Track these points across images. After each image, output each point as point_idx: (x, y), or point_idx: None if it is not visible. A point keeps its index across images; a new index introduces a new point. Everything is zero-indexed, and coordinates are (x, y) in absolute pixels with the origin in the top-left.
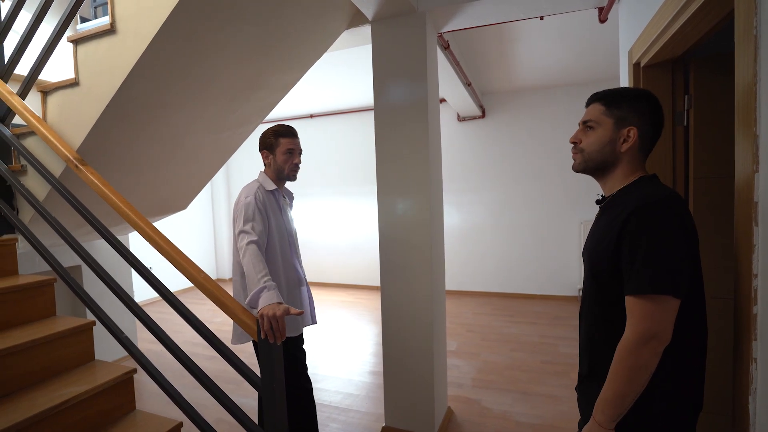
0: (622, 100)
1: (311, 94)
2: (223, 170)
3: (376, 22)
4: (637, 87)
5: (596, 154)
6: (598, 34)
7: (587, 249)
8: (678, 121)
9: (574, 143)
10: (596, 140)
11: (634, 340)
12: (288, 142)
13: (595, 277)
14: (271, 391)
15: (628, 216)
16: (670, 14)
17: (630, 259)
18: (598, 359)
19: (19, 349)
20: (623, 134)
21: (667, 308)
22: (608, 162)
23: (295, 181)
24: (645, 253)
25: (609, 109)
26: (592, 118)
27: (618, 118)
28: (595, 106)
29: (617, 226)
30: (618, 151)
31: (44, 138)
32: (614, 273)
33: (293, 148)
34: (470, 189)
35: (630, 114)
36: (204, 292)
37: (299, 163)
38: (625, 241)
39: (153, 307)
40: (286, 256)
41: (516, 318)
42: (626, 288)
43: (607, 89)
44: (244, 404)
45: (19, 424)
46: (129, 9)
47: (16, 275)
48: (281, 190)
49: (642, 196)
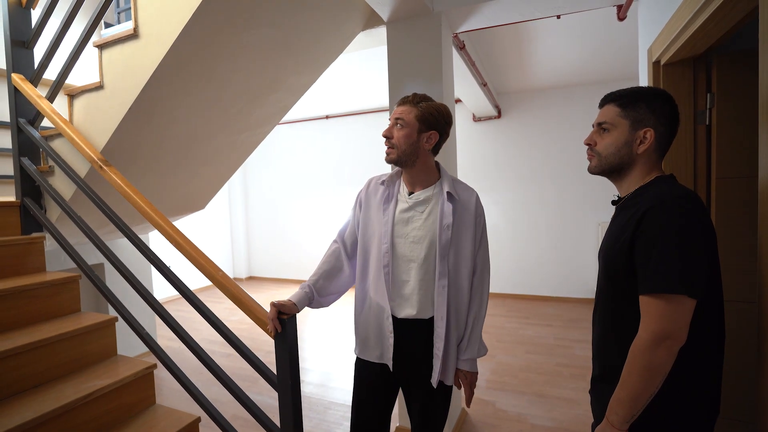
0: (638, 101)
1: (327, 96)
2: (241, 170)
3: (391, 24)
4: (650, 86)
5: (613, 156)
6: (615, 32)
7: (603, 249)
8: (700, 119)
9: (589, 145)
10: (612, 142)
11: (648, 340)
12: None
13: (609, 276)
14: (286, 388)
15: (642, 214)
16: (691, 12)
17: (644, 257)
18: (610, 360)
19: (47, 342)
20: (640, 136)
21: (683, 308)
22: (625, 164)
23: (388, 161)
24: (660, 251)
25: (625, 111)
26: (608, 120)
27: (634, 120)
28: (609, 107)
29: (632, 225)
30: (635, 152)
31: (70, 140)
32: (629, 272)
33: (390, 119)
34: (486, 189)
35: (646, 115)
36: (222, 290)
37: (389, 136)
38: (640, 240)
39: (172, 305)
40: (376, 268)
41: (531, 320)
42: (640, 287)
43: (621, 89)
44: (260, 401)
45: (47, 414)
46: (151, 14)
47: (43, 272)
48: (408, 179)
49: (657, 195)
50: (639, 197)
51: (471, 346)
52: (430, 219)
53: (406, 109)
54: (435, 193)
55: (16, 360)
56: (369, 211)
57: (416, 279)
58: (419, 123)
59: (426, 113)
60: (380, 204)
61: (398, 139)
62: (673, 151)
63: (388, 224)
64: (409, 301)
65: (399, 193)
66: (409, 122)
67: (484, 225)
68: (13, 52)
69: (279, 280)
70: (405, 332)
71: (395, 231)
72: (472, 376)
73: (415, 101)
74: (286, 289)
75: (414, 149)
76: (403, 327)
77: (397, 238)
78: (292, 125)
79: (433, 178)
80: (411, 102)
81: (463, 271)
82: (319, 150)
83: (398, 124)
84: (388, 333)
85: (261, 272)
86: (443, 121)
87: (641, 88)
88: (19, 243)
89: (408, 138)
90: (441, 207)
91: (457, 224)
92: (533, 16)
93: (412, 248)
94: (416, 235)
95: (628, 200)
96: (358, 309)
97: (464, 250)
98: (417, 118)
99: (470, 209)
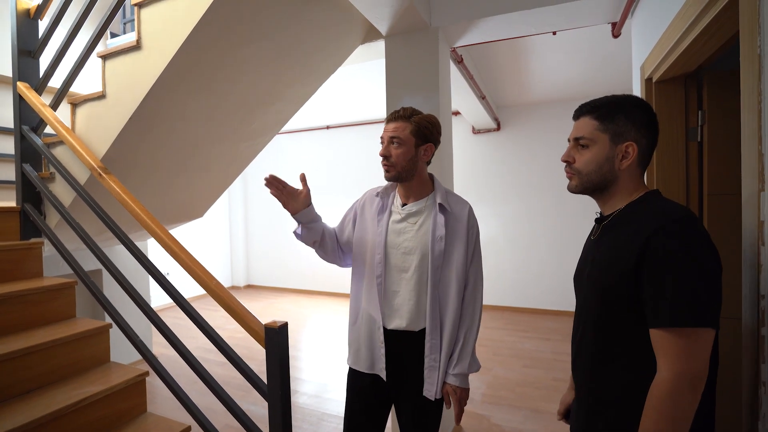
0: (617, 112)
1: (328, 106)
2: (241, 179)
3: (389, 38)
4: (627, 94)
5: (594, 174)
6: (612, 48)
7: (594, 274)
8: (691, 136)
9: (567, 162)
10: (592, 159)
11: (673, 383)
12: (383, 130)
13: (606, 304)
14: (275, 398)
15: (647, 238)
16: (679, 31)
17: (657, 287)
18: (605, 395)
19: (41, 348)
20: (621, 150)
21: (705, 342)
22: (607, 181)
23: (387, 180)
24: (676, 280)
25: (603, 124)
26: (585, 135)
27: (614, 133)
28: (586, 120)
29: (635, 249)
30: (617, 168)
31: (72, 147)
32: (632, 300)
33: (382, 136)
34: (485, 202)
35: (626, 127)
36: (215, 298)
37: (387, 156)
38: (649, 267)
39: (168, 313)
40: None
41: (530, 333)
42: (653, 320)
43: (597, 99)
44: (253, 411)
45: (38, 419)
46: (154, 27)
47: (41, 277)
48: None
49: (659, 213)
50: (631, 216)
51: (462, 360)
52: (422, 230)
53: (401, 125)
54: (428, 205)
55: (10, 364)
56: (364, 221)
57: (407, 290)
58: (415, 138)
59: (421, 127)
60: (375, 215)
61: (396, 157)
62: (665, 166)
63: (382, 235)
64: (399, 312)
65: (393, 205)
66: (405, 139)
67: (477, 237)
68: (20, 62)
69: (277, 289)
70: (396, 344)
71: (388, 241)
72: (462, 392)
73: (407, 116)
74: (284, 298)
75: (412, 164)
76: (394, 338)
77: (389, 249)
78: (293, 135)
79: (427, 190)
80: (403, 117)
81: (454, 284)
82: (319, 160)
83: (394, 142)
84: (380, 344)
85: (259, 281)
86: (436, 132)
87: (617, 97)
88: (17, 248)
89: (406, 155)
90: (433, 219)
91: (450, 236)
92: (529, 32)
93: (404, 259)
94: (408, 246)
95: (617, 219)
96: (352, 319)
97: (456, 262)
98: (412, 133)
99: (463, 221)
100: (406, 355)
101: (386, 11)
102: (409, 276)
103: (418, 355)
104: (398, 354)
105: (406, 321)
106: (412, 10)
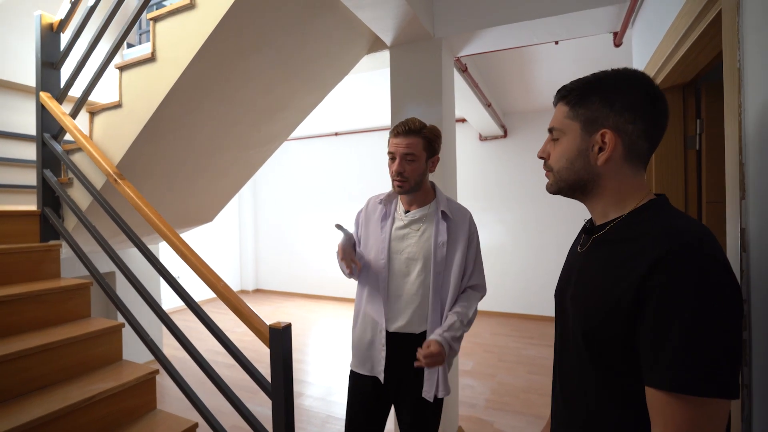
0: (592, 94)
1: (337, 113)
2: (251, 184)
3: (394, 48)
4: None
5: (566, 171)
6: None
7: (579, 295)
8: (690, 144)
9: (543, 159)
10: (563, 153)
11: None
12: (391, 143)
13: (588, 338)
14: (279, 397)
15: (652, 265)
16: (673, 43)
17: (659, 333)
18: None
19: (57, 345)
20: (596, 141)
21: (718, 417)
22: (584, 180)
23: (399, 194)
24: (689, 329)
25: (573, 110)
26: (555, 125)
27: (585, 120)
28: (560, 107)
29: (634, 276)
30: (594, 164)
31: (89, 154)
32: (625, 339)
33: (393, 151)
34: (492, 208)
35: (601, 112)
36: (222, 299)
37: (402, 172)
38: (651, 304)
39: (179, 315)
40: (372, 283)
41: (535, 340)
42: (652, 376)
43: (576, 80)
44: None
45: (54, 413)
46: (168, 40)
47: (58, 278)
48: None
49: (666, 233)
50: (628, 231)
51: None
52: (424, 236)
53: (413, 141)
54: (430, 212)
55: (27, 361)
56: (368, 229)
57: (410, 294)
58: (426, 152)
59: (430, 140)
60: (378, 222)
61: (410, 173)
62: (663, 174)
63: (385, 241)
64: (402, 315)
65: (396, 211)
66: (418, 155)
67: (477, 243)
68: (43, 73)
69: (285, 293)
70: (397, 346)
71: (392, 247)
72: (437, 347)
73: (418, 130)
74: (293, 302)
75: (423, 177)
76: (396, 341)
77: (393, 254)
78: (302, 141)
79: (429, 198)
80: (415, 132)
81: (456, 288)
82: (328, 166)
83: (408, 158)
84: (381, 346)
85: (268, 285)
86: (440, 142)
87: (598, 75)
88: (37, 250)
89: (419, 170)
90: (436, 225)
91: (451, 242)
92: (531, 41)
93: (408, 264)
94: (411, 251)
95: (614, 231)
96: (355, 322)
97: (458, 267)
98: (424, 147)
99: (464, 228)
100: (407, 356)
101: (390, 23)
102: (412, 280)
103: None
104: (399, 356)
105: (409, 323)
106: (415, 22)
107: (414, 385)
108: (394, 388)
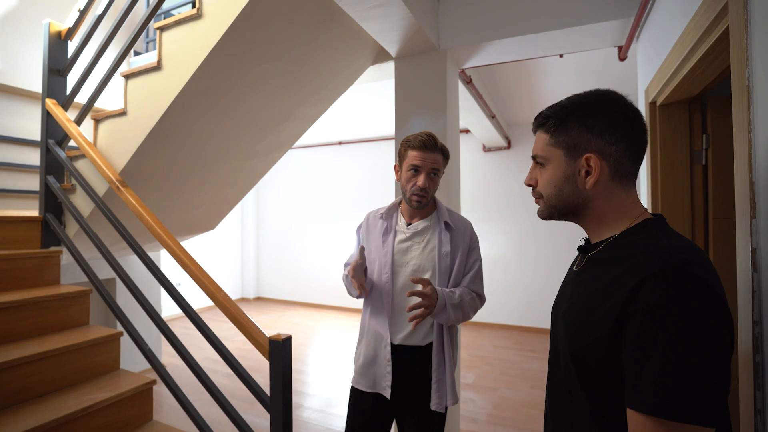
0: (569, 119)
1: (341, 122)
2: (254, 192)
3: (399, 59)
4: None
5: (555, 198)
6: (619, 70)
7: (568, 316)
8: (696, 159)
9: (531, 186)
10: (550, 180)
11: None
12: (415, 156)
13: (575, 358)
14: (277, 410)
15: (637, 286)
16: (679, 59)
17: (640, 356)
18: None
19: (55, 353)
20: (582, 165)
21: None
22: (575, 204)
23: (416, 208)
24: (671, 353)
25: (554, 137)
26: (539, 153)
27: (568, 146)
28: (539, 134)
29: (619, 297)
30: (582, 188)
31: (93, 161)
32: (611, 360)
33: (419, 165)
34: (495, 220)
35: (582, 137)
36: (222, 310)
37: (425, 187)
38: (633, 325)
39: (178, 323)
40: (376, 297)
41: (538, 353)
42: (633, 399)
43: (550, 107)
44: (257, 424)
45: (50, 422)
46: (173, 49)
47: (58, 284)
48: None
49: (655, 253)
50: (623, 250)
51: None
52: (428, 248)
53: (439, 158)
54: (432, 223)
55: (25, 369)
56: (369, 244)
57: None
58: (443, 167)
59: (447, 155)
60: (380, 236)
61: (432, 188)
62: (670, 190)
63: (388, 255)
64: (407, 327)
65: (397, 225)
66: (442, 170)
67: (478, 253)
68: (49, 80)
69: (287, 302)
70: (402, 359)
71: (395, 260)
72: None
73: (439, 147)
74: (293, 311)
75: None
76: (401, 354)
77: (396, 267)
78: (306, 150)
79: (430, 209)
80: (438, 149)
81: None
82: (331, 175)
83: (433, 174)
84: (386, 362)
85: (269, 293)
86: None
87: (572, 99)
88: (37, 256)
89: (437, 185)
90: (439, 236)
91: (455, 252)
92: (536, 54)
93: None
94: (416, 263)
95: (606, 251)
96: (360, 339)
97: (461, 276)
98: (443, 163)
99: (466, 238)
100: (412, 369)
101: (396, 35)
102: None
103: (423, 368)
104: (404, 369)
105: (414, 335)
106: (421, 34)
107: (420, 397)
108: (399, 402)
